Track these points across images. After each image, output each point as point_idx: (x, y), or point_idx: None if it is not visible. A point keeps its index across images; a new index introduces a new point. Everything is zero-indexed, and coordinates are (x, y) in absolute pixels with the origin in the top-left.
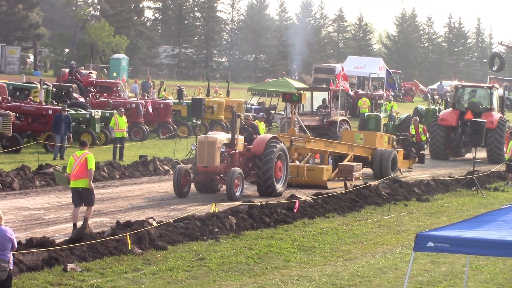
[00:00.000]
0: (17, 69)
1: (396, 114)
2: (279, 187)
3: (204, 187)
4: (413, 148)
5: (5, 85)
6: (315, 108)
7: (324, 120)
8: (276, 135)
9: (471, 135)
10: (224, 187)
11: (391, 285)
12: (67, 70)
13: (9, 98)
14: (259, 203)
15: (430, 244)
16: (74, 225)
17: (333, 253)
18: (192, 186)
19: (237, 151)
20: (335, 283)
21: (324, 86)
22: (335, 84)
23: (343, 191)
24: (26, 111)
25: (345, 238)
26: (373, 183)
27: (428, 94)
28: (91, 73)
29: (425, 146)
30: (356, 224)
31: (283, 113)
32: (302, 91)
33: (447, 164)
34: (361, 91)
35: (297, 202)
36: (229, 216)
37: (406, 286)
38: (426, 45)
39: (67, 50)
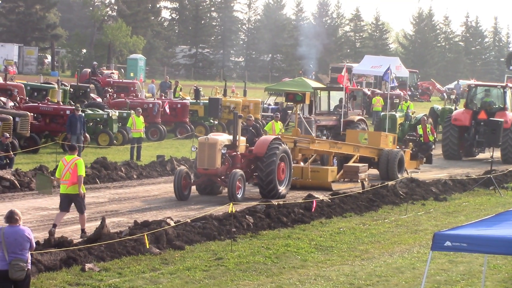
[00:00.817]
0: (35, 70)
1: (413, 114)
2: (282, 189)
3: (205, 189)
4: (420, 148)
5: (23, 86)
6: (332, 107)
7: (341, 120)
8: (279, 136)
9: (488, 134)
10: (225, 189)
11: (408, 285)
12: (89, 70)
13: (27, 98)
14: (276, 203)
15: (448, 243)
16: (54, 225)
17: (350, 253)
18: (194, 188)
19: (238, 152)
20: (353, 282)
21: (341, 85)
22: (351, 84)
23: (360, 191)
24: (43, 112)
25: (363, 238)
26: (391, 182)
27: (444, 94)
28: (112, 73)
29: (433, 147)
30: (374, 224)
31: (300, 112)
32: (318, 90)
33: (462, 164)
34: (378, 91)
35: (314, 202)
36: (247, 216)
37: (424, 285)
38: (443, 44)
39: (84, 51)
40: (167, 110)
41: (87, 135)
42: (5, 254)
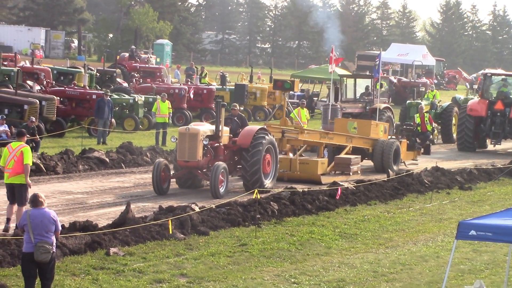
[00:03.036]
0: (62, 54)
1: (439, 103)
2: (267, 182)
3: (186, 183)
4: (417, 139)
5: (50, 70)
6: (358, 95)
7: (367, 108)
8: (265, 126)
9: (508, 125)
10: (207, 182)
11: (432, 273)
12: (127, 54)
13: (54, 82)
14: (301, 190)
15: (472, 232)
16: (8, 219)
17: (374, 241)
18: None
19: (221, 144)
20: (377, 270)
21: (368, 73)
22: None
23: (385, 179)
24: (70, 96)
25: (387, 226)
26: (416, 170)
27: (467, 84)
28: (150, 57)
29: (431, 137)
30: (398, 212)
31: (326, 99)
32: (344, 77)
33: (474, 156)
34: (404, 79)
35: (339, 189)
36: (271, 202)
37: (448, 274)
38: (470, 33)
39: (111, 35)
40: (192, 96)
41: (113, 120)
42: (31, 236)
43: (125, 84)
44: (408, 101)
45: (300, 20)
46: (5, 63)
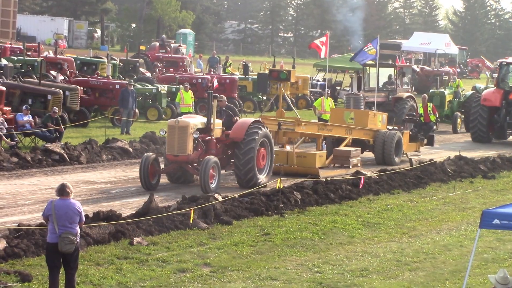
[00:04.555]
0: (85, 44)
1: (462, 92)
2: (262, 177)
3: (179, 178)
4: (421, 129)
5: (73, 60)
6: (381, 84)
7: (390, 97)
8: (259, 119)
9: None
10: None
11: (456, 262)
12: (157, 44)
13: (77, 72)
14: (324, 179)
15: (496, 221)
16: None
17: (397, 230)
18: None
19: (213, 137)
20: (400, 259)
21: (390, 62)
22: (400, 60)
23: (408, 168)
24: (93, 86)
25: (410, 215)
26: (439, 159)
27: (487, 73)
28: (180, 46)
29: (434, 127)
30: (421, 201)
31: (348, 89)
32: (366, 66)
33: (497, 145)
34: (427, 68)
35: (362, 179)
36: (294, 192)
37: (471, 263)
38: (493, 21)
39: (133, 25)
40: (215, 85)
41: (137, 110)
42: (55, 227)
43: (148, 74)
44: (431, 90)
45: (322, 9)
46: (29, 53)
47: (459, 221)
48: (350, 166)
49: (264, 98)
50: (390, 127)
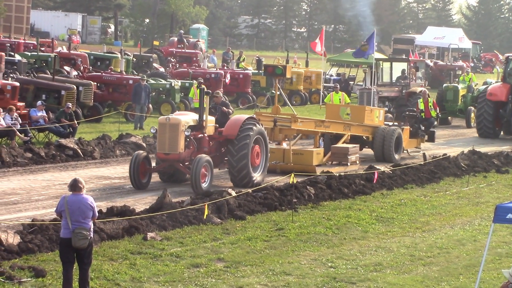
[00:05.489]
0: (98, 39)
1: (475, 86)
2: (256, 176)
3: (172, 177)
4: (421, 125)
5: (87, 55)
6: (394, 79)
7: (403, 91)
8: (254, 115)
9: None
10: None
11: (469, 257)
12: (176, 38)
13: (90, 68)
14: (337, 174)
15: (510, 216)
16: None
17: (411, 224)
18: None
19: (206, 134)
20: (413, 254)
21: (404, 57)
22: (414, 55)
23: (422, 162)
24: (107, 81)
25: (424, 210)
26: (452, 154)
27: (497, 67)
28: (198, 41)
29: (435, 123)
30: (435, 196)
31: (362, 83)
32: (380, 61)
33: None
34: (440, 62)
35: (376, 173)
36: (308, 187)
37: (485, 258)
38: (506, 15)
39: (147, 20)
40: (227, 80)
41: (150, 105)
42: (68, 222)
43: (162, 69)
44: (444, 85)
45: (335, 3)
46: (42, 48)
47: (472, 215)
48: (348, 164)
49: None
50: (390, 123)
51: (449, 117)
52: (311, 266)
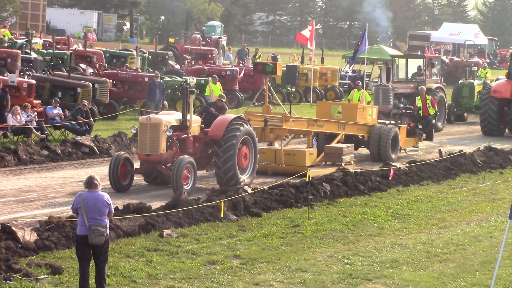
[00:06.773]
0: (114, 37)
1: (491, 82)
2: (244, 178)
3: (156, 179)
4: (419, 124)
5: (102, 53)
6: (409, 75)
7: (419, 88)
8: (242, 115)
9: None
10: None
11: (486, 253)
12: (198, 36)
13: (106, 65)
14: (353, 171)
15: None
16: None
17: (427, 221)
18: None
19: (190, 135)
20: (430, 251)
21: (419, 53)
22: (429, 51)
23: (438, 159)
24: (122, 78)
25: (440, 206)
26: (468, 150)
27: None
28: (220, 38)
29: (433, 121)
30: (451, 192)
31: (377, 80)
32: (395, 57)
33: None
34: (456, 58)
35: (391, 170)
36: (324, 184)
37: (502, 254)
38: None
39: (162, 18)
40: (239, 77)
41: (166, 102)
42: (84, 219)
43: (177, 66)
44: (460, 81)
45: (351, 0)
46: (58, 46)
47: (489, 212)
48: (343, 164)
49: (293, 90)
50: (387, 122)
51: (465, 114)
52: (327, 262)
